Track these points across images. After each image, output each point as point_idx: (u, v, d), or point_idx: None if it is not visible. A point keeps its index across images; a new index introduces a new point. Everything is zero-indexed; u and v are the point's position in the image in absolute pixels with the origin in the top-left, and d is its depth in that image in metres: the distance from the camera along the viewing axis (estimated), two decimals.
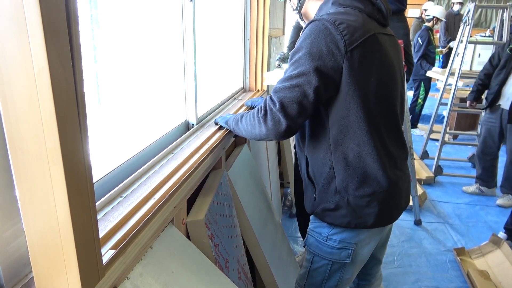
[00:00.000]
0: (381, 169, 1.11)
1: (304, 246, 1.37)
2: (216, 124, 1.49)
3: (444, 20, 5.75)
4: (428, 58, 5.13)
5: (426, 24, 5.71)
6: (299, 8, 1.27)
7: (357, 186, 1.13)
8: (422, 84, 5.26)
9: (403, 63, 2.71)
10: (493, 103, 3.14)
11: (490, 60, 3.29)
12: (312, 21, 1.05)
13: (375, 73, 1.06)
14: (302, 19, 1.31)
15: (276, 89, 1.08)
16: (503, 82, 3.05)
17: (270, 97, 1.10)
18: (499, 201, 3.34)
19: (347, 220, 1.17)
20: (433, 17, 5.63)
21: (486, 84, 3.27)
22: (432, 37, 5.35)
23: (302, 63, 1.03)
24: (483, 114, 3.49)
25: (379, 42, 1.08)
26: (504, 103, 3.06)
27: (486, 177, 3.47)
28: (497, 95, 3.08)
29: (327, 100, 1.08)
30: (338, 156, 1.12)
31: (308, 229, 1.30)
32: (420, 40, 5.12)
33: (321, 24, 1.02)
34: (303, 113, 1.06)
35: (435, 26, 5.61)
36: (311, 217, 1.30)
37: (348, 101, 1.05)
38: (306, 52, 1.02)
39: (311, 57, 1.01)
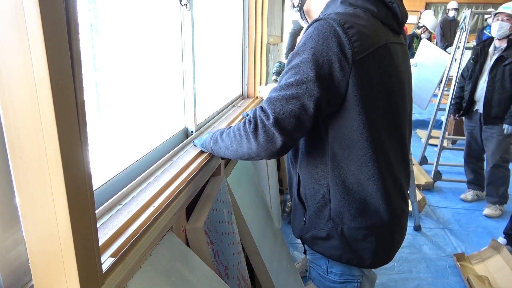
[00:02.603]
0: (384, 200, 0.97)
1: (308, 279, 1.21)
2: (195, 146, 1.30)
3: (432, 32, 5.99)
4: None
5: (415, 30, 5.87)
6: (300, 5, 1.08)
7: (354, 215, 0.99)
8: None
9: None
10: (469, 110, 3.35)
11: (462, 74, 3.51)
12: (317, 20, 0.89)
13: (384, 89, 0.93)
14: (303, 19, 1.12)
15: (270, 99, 0.91)
16: (473, 90, 3.26)
17: (262, 108, 0.93)
18: (486, 211, 3.29)
19: (339, 253, 1.04)
20: (423, 25, 5.82)
21: (462, 96, 3.47)
22: (413, 44, 5.57)
23: (302, 69, 0.87)
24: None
25: (391, 55, 0.94)
26: (479, 108, 3.23)
27: (478, 181, 3.53)
28: (471, 102, 3.30)
29: (328, 115, 0.93)
30: (336, 178, 0.98)
31: (307, 260, 1.19)
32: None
33: (327, 24, 0.86)
34: (301, 128, 0.91)
35: (422, 35, 5.84)
36: (306, 245, 1.16)
37: (353, 118, 0.91)
38: (308, 57, 0.86)
39: (313, 63, 0.86)
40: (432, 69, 4.19)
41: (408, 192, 1.16)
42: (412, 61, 4.35)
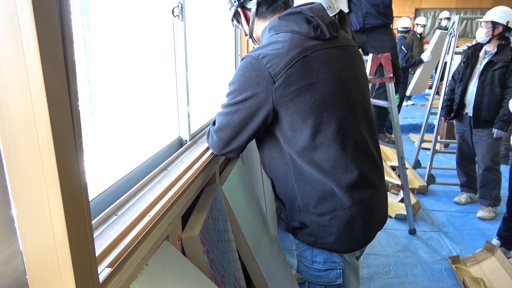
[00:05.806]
0: (340, 186, 1.08)
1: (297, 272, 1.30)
2: None
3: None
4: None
5: (402, 34, 6.21)
6: (250, 34, 1.29)
7: (316, 203, 1.11)
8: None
9: (387, 72, 2.77)
10: (459, 113, 3.39)
11: (453, 77, 3.55)
12: (243, 58, 1.12)
13: (317, 90, 1.05)
14: (255, 44, 1.34)
15: (218, 112, 1.18)
16: (463, 93, 3.31)
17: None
18: (480, 214, 3.33)
19: (312, 239, 1.17)
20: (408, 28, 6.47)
21: (453, 98, 3.51)
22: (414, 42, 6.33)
23: (235, 95, 1.10)
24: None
25: (318, 60, 1.07)
26: (470, 111, 3.27)
27: (471, 184, 3.56)
28: (461, 105, 3.35)
29: (272, 123, 1.10)
30: (297, 173, 1.12)
31: (296, 256, 1.28)
32: (404, 48, 5.66)
33: (247, 60, 1.09)
34: (235, 139, 1.14)
35: (419, 29, 6.63)
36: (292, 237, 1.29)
37: (295, 121, 1.06)
38: (238, 85, 1.09)
39: (241, 89, 1.08)
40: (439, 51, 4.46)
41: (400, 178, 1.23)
42: (424, 56, 4.53)
